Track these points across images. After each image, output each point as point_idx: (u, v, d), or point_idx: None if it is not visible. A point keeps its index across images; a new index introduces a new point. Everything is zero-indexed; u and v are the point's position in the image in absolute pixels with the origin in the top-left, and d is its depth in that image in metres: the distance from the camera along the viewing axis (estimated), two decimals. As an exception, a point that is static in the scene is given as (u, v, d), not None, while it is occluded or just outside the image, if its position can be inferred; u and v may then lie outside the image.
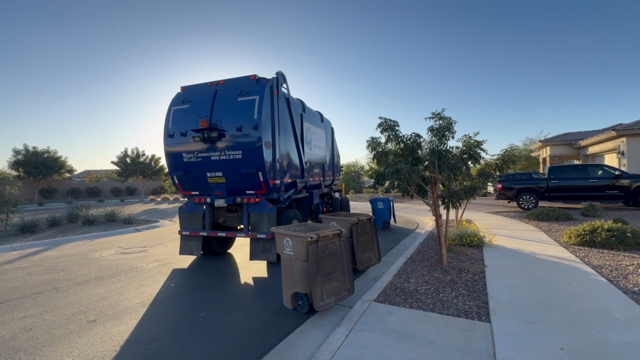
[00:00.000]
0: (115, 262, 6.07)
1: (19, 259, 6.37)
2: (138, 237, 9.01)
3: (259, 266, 5.73)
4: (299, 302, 3.57)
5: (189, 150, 6.00)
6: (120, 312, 3.70)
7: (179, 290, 4.46)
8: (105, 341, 3.00)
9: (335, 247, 3.71)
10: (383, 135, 5.02)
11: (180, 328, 3.27)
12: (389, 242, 7.70)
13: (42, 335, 3.13)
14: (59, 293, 4.35)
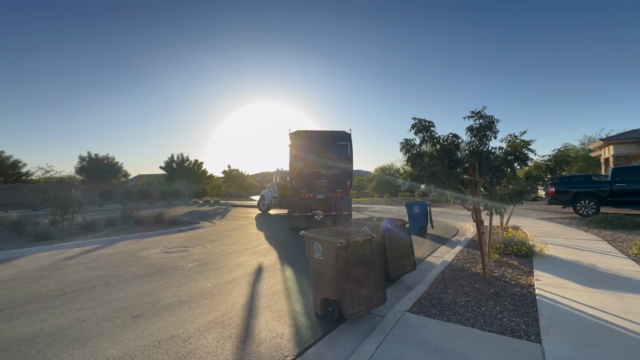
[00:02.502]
0: (159, 260, 6.49)
1: (79, 255, 7.08)
2: (181, 237, 9.58)
3: (294, 268, 5.76)
4: (329, 309, 3.51)
5: (310, 168, 10.61)
6: (161, 308, 3.91)
7: (214, 290, 4.62)
8: (146, 336, 3.18)
9: (366, 253, 3.59)
10: (417, 136, 4.79)
11: (213, 327, 3.37)
12: (425, 249, 7.34)
13: (93, 327, 3.41)
14: (109, 288, 4.74)
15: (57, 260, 6.62)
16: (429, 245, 7.78)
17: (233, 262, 6.30)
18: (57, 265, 6.13)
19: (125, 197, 30.88)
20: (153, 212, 12.43)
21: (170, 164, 32.01)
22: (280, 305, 3.99)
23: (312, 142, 10.59)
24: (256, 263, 6.25)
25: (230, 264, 6.16)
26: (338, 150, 10.83)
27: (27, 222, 9.71)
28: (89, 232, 9.77)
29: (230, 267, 5.96)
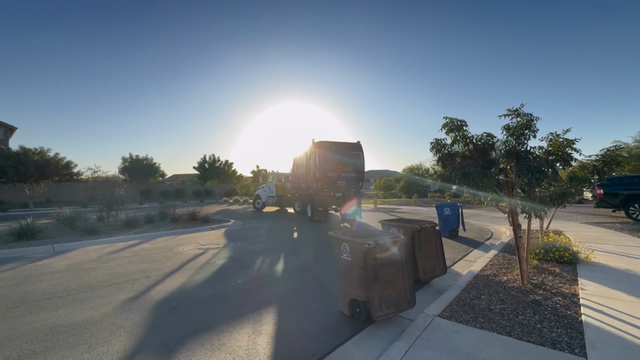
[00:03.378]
0: (194, 257, 6.84)
1: (123, 249, 7.65)
2: (213, 235, 10.02)
3: (321, 268, 5.82)
4: (357, 310, 3.51)
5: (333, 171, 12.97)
6: (196, 302, 4.13)
7: (244, 286, 4.80)
8: (183, 327, 3.38)
9: (394, 255, 3.55)
10: (449, 136, 4.64)
11: (245, 323, 3.50)
12: (456, 253, 7.08)
13: (136, 316, 3.68)
14: (150, 281, 5.08)
15: (104, 253, 7.20)
16: (461, 249, 7.49)
17: (261, 261, 6.49)
18: (104, 258, 6.67)
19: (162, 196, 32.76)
20: (187, 210, 13.09)
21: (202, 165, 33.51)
22: (308, 304, 4.06)
23: (334, 150, 13.10)
24: (284, 262, 6.38)
25: (260, 262, 6.34)
26: (353, 157, 13.56)
27: (78, 218, 10.64)
28: (131, 228, 10.51)
29: (259, 265, 6.14)
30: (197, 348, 2.95)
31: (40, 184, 22.01)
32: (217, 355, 2.83)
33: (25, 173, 20.94)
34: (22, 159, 21.19)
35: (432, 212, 16.07)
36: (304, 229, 11.22)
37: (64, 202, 25.60)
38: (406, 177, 34.98)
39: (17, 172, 20.72)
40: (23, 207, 22.15)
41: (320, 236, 9.58)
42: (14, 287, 4.78)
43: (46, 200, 25.39)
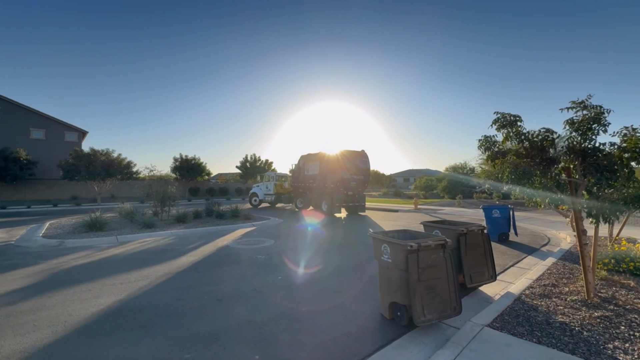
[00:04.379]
0: (237, 251, 7.17)
1: (174, 243, 8.28)
2: (254, 231, 10.42)
3: (360, 269, 5.76)
4: (397, 313, 3.40)
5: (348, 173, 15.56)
6: (239, 295, 4.32)
7: (284, 283, 4.91)
8: (228, 318, 3.55)
9: (438, 259, 3.38)
10: (500, 132, 4.30)
11: (284, 318, 3.58)
12: (507, 259, 6.55)
13: (185, 305, 3.95)
14: (198, 273, 5.43)
15: (158, 245, 7.85)
16: (513, 255, 6.91)
17: (301, 258, 6.59)
18: (158, 251, 7.27)
19: (208, 193, 34.86)
20: (230, 207, 13.78)
21: (244, 164, 35.12)
22: (347, 304, 4.03)
23: (348, 157, 15.90)
24: (323, 261, 6.42)
25: (298, 260, 6.45)
26: (362, 163, 16.59)
27: (137, 213, 11.74)
28: (181, 223, 11.33)
29: (297, 262, 6.25)
30: (240, 338, 3.08)
31: (106, 181, 24.74)
32: (258, 347, 2.92)
33: (94, 172, 23.69)
34: (92, 159, 24.00)
35: (479, 214, 15.07)
36: (343, 228, 11.19)
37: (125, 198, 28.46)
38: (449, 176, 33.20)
39: (87, 171, 23.53)
40: (92, 201, 25.09)
41: (359, 237, 9.48)
42: (86, 272, 5.41)
43: (111, 196, 28.44)
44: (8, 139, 26.33)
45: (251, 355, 2.79)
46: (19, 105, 28.26)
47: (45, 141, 29.16)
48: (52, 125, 29.85)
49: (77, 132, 31.45)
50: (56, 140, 29.83)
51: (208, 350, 2.86)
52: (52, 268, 5.73)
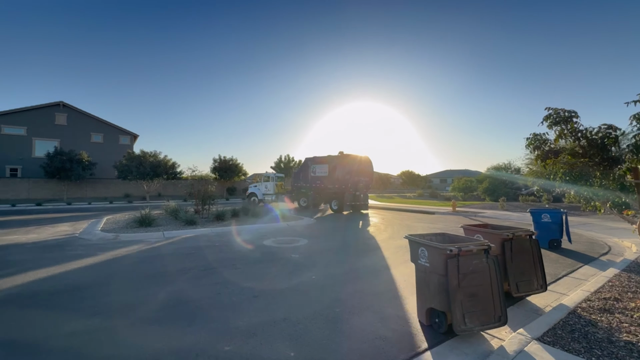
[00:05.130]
0: (272, 250, 7.37)
1: (214, 239, 8.72)
2: (288, 230, 10.63)
3: (395, 271, 5.63)
4: (435, 320, 3.27)
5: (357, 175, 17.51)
6: (276, 292, 4.44)
7: (319, 282, 4.95)
8: (264, 314, 3.66)
9: (481, 265, 3.19)
10: (553, 130, 3.96)
11: (318, 318, 3.60)
12: (559, 268, 6.01)
13: (225, 300, 4.14)
14: (236, 269, 5.66)
15: (200, 242, 8.32)
16: (566, 264, 6.31)
17: (334, 258, 6.60)
18: (200, 246, 7.71)
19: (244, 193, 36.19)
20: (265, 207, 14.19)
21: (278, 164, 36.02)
22: (382, 307, 3.96)
23: (356, 161, 17.82)
24: (356, 261, 6.37)
25: (332, 260, 6.46)
26: (366, 166, 18.50)
27: (180, 210, 12.55)
28: (220, 221, 11.90)
29: (332, 262, 6.26)
30: (276, 334, 3.16)
31: (154, 181, 26.80)
32: (294, 344, 2.98)
33: (144, 172, 25.77)
34: (142, 160, 26.11)
35: (525, 219, 14.00)
36: (376, 229, 11.01)
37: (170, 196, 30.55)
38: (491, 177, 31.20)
39: (138, 171, 25.65)
40: (142, 199, 27.30)
41: (394, 239, 9.27)
42: (139, 264, 5.90)
43: (158, 195, 30.69)
44: (73, 143, 29.57)
45: (287, 352, 2.85)
46: (82, 113, 31.60)
47: (103, 144, 32.27)
48: (109, 130, 32.96)
49: (129, 136, 34.40)
50: (112, 143, 32.88)
51: (246, 345, 2.98)
52: (108, 259, 6.33)
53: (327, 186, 18.20)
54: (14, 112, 28.50)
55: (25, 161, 28.54)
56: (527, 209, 9.88)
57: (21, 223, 12.08)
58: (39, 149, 29.05)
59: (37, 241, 8.29)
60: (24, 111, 28.95)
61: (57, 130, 30.23)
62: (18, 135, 28.63)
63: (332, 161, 18.23)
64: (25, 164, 28.51)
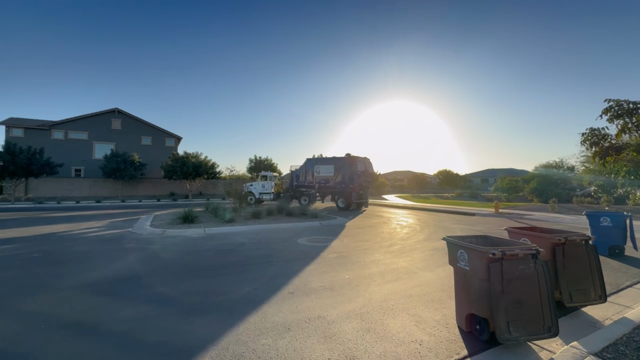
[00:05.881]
0: (306, 248, 7.49)
1: (251, 236, 9.07)
2: (321, 229, 10.72)
3: (432, 274, 5.45)
4: (476, 326, 3.11)
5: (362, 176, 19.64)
6: (309, 290, 4.51)
7: (353, 282, 4.94)
8: (299, 311, 3.74)
9: (528, 271, 2.97)
10: (614, 124, 3.57)
11: (352, 317, 3.60)
12: (622, 277, 5.39)
13: (261, 295, 4.30)
14: (272, 266, 5.84)
15: (238, 238, 8.70)
16: (631, 273, 5.65)
17: (368, 259, 6.53)
18: (238, 242, 8.06)
19: (278, 192, 37.03)
20: (299, 206, 14.44)
21: (311, 164, 36.43)
22: (417, 310, 3.85)
23: (361, 163, 19.70)
24: (391, 262, 6.25)
25: (366, 260, 6.41)
26: (369, 168, 20.74)
27: (220, 208, 13.21)
28: (256, 219, 12.34)
29: (365, 262, 6.21)
30: (311, 332, 3.22)
31: (195, 180, 28.54)
32: (327, 342, 3.01)
33: (186, 172, 27.55)
34: (185, 161, 27.92)
35: (581, 222, 12.75)
36: (410, 230, 10.70)
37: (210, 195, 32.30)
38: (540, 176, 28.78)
39: (182, 171, 27.47)
40: (185, 197, 29.18)
41: (431, 240, 8.95)
42: (183, 258, 6.33)
43: (199, 193, 32.60)
44: (126, 146, 32.41)
45: (321, 350, 2.89)
46: (134, 118, 34.50)
47: (151, 146, 34.95)
48: (156, 133, 35.62)
49: (174, 138, 36.90)
50: (159, 145, 35.49)
51: (282, 339, 3.07)
52: (156, 252, 6.87)
53: (333, 185, 19.92)
54: (77, 119, 31.95)
55: (87, 162, 31.86)
56: (582, 211, 8.96)
57: (85, 218, 13.53)
58: (98, 151, 32.27)
59: (98, 234, 9.24)
60: (85, 118, 32.32)
61: (113, 134, 33.32)
62: (81, 140, 32.04)
63: (338, 162, 19.96)
64: (87, 165, 31.83)
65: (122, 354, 2.78)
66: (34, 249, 7.16)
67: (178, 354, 2.79)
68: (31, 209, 17.85)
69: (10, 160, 21.43)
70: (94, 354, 2.77)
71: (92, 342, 2.97)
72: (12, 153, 21.66)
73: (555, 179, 27.87)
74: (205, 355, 2.77)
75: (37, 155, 22.82)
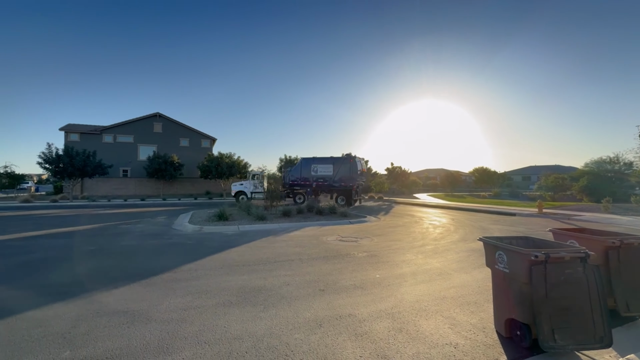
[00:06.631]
0: (336, 247, 7.53)
1: (281, 234, 9.30)
2: (351, 228, 10.70)
3: (467, 276, 5.24)
4: (517, 332, 2.96)
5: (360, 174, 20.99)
6: (340, 288, 4.54)
7: (384, 281, 4.89)
8: (330, 309, 3.79)
9: (576, 275, 2.77)
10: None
11: (383, 317, 3.57)
12: (692, 286, 4.79)
13: (293, 291, 4.40)
14: (302, 263, 5.95)
15: (269, 236, 8.96)
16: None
17: (399, 258, 6.42)
18: (269, 240, 8.30)
19: (308, 191, 37.42)
20: (328, 205, 14.50)
21: (340, 163, 36.43)
22: (452, 313, 3.73)
23: (359, 163, 20.89)
24: (423, 263, 6.09)
25: (397, 260, 6.30)
26: (364, 167, 22.50)
27: (252, 207, 13.67)
28: (287, 217, 12.60)
29: (396, 262, 6.11)
30: (342, 329, 3.25)
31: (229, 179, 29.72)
32: (359, 340, 3.02)
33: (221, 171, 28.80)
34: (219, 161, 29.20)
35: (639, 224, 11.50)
36: (442, 230, 10.32)
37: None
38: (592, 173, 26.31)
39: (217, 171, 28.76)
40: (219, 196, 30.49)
41: (464, 241, 8.58)
42: (218, 254, 6.66)
43: (232, 192, 33.92)
44: (166, 147, 34.57)
45: (352, 347, 2.91)
46: (173, 121, 36.68)
47: (188, 148, 36.94)
48: (193, 135, 37.58)
49: (209, 140, 38.69)
50: (196, 146, 37.40)
51: (314, 334, 3.13)
52: (195, 248, 7.28)
53: (331, 184, 20.82)
54: (124, 123, 34.64)
55: (133, 163, 34.44)
56: (642, 212, 8.08)
57: (132, 215, 14.68)
58: (142, 153, 34.75)
59: (143, 230, 9.99)
60: (131, 122, 34.93)
61: (155, 137, 35.69)
62: (127, 143, 34.71)
63: (337, 162, 20.89)
64: (133, 166, 34.41)
65: (164, 339, 3.00)
66: (89, 242, 7.92)
67: (217, 343, 2.96)
68: (87, 206, 19.69)
69: (69, 163, 23.80)
70: (143, 340, 3.02)
71: (141, 329, 3.24)
72: (71, 156, 24.05)
73: (609, 176, 25.32)
74: (242, 345, 2.91)
75: (90, 157, 25.12)
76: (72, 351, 2.80)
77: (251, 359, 2.71)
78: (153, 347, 2.88)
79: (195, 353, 2.78)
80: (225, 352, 2.80)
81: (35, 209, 17.56)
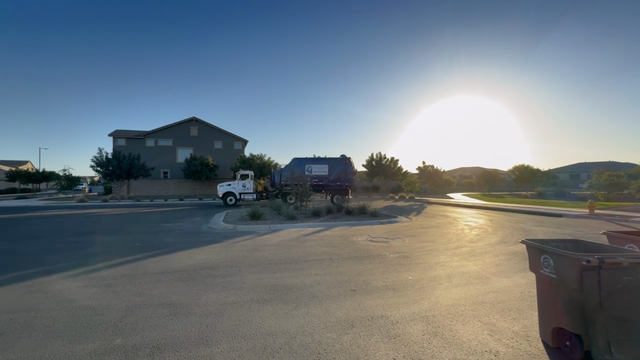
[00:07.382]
0: (366, 247, 7.45)
1: (312, 234, 9.39)
2: (381, 229, 10.53)
3: (508, 280, 4.95)
4: (566, 343, 2.74)
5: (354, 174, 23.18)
6: (371, 289, 4.49)
7: (417, 283, 4.76)
8: (362, 309, 3.77)
9: (636, 283, 2.51)
10: None
11: (417, 320, 3.48)
12: None
13: (324, 290, 4.43)
14: (333, 262, 5.97)
15: (300, 235, 9.09)
16: None
17: (433, 260, 6.21)
18: (300, 239, 8.42)
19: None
20: (358, 205, 14.39)
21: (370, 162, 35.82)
22: (491, 319, 3.54)
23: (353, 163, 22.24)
24: (458, 265, 5.84)
25: (430, 262, 6.10)
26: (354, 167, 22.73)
27: (283, 207, 13.94)
28: (316, 217, 12.69)
29: (430, 264, 5.92)
30: (374, 330, 3.22)
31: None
32: (392, 342, 2.97)
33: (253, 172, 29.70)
34: (251, 162, 30.14)
35: None
36: (480, 232, 9.80)
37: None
38: None
39: (248, 171, 29.68)
40: (251, 196, 31.43)
41: (505, 244, 8.09)
42: (252, 252, 6.88)
43: (263, 192, 34.81)
44: (202, 150, 36.37)
45: (385, 349, 2.87)
46: (208, 125, 38.48)
47: (222, 150, 38.55)
48: (226, 138, 39.16)
49: (241, 142, 40.08)
50: (229, 149, 38.94)
51: (346, 334, 3.14)
52: (229, 245, 7.59)
53: (327, 183, 21.86)
54: (164, 128, 36.98)
55: (172, 165, 36.66)
56: None
57: (172, 214, 15.62)
58: (180, 155, 36.88)
59: (182, 228, 10.60)
60: (169, 127, 37.20)
61: (191, 140, 37.70)
62: (167, 146, 37.02)
63: (333, 162, 22.15)
64: (172, 168, 36.62)
65: (204, 331, 3.17)
66: (135, 238, 8.57)
67: (252, 338, 3.07)
68: (133, 206, 21.31)
69: (117, 166, 25.90)
70: (184, 331, 3.22)
71: (182, 321, 3.45)
72: (118, 159, 26.16)
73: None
74: (275, 341, 2.99)
75: (135, 160, 27.13)
76: (123, 339, 3.05)
77: (285, 355, 2.77)
78: (194, 338, 3.06)
79: (232, 346, 2.91)
80: (260, 347, 2.89)
81: (89, 208, 19.34)
